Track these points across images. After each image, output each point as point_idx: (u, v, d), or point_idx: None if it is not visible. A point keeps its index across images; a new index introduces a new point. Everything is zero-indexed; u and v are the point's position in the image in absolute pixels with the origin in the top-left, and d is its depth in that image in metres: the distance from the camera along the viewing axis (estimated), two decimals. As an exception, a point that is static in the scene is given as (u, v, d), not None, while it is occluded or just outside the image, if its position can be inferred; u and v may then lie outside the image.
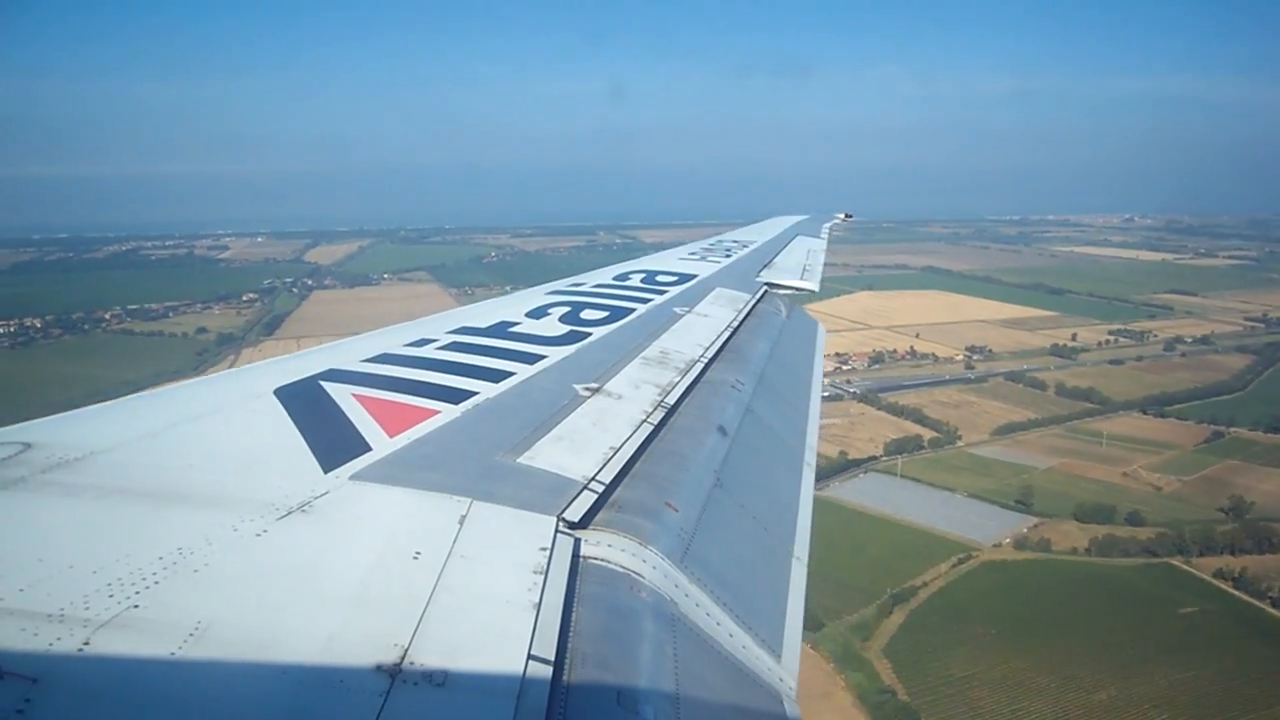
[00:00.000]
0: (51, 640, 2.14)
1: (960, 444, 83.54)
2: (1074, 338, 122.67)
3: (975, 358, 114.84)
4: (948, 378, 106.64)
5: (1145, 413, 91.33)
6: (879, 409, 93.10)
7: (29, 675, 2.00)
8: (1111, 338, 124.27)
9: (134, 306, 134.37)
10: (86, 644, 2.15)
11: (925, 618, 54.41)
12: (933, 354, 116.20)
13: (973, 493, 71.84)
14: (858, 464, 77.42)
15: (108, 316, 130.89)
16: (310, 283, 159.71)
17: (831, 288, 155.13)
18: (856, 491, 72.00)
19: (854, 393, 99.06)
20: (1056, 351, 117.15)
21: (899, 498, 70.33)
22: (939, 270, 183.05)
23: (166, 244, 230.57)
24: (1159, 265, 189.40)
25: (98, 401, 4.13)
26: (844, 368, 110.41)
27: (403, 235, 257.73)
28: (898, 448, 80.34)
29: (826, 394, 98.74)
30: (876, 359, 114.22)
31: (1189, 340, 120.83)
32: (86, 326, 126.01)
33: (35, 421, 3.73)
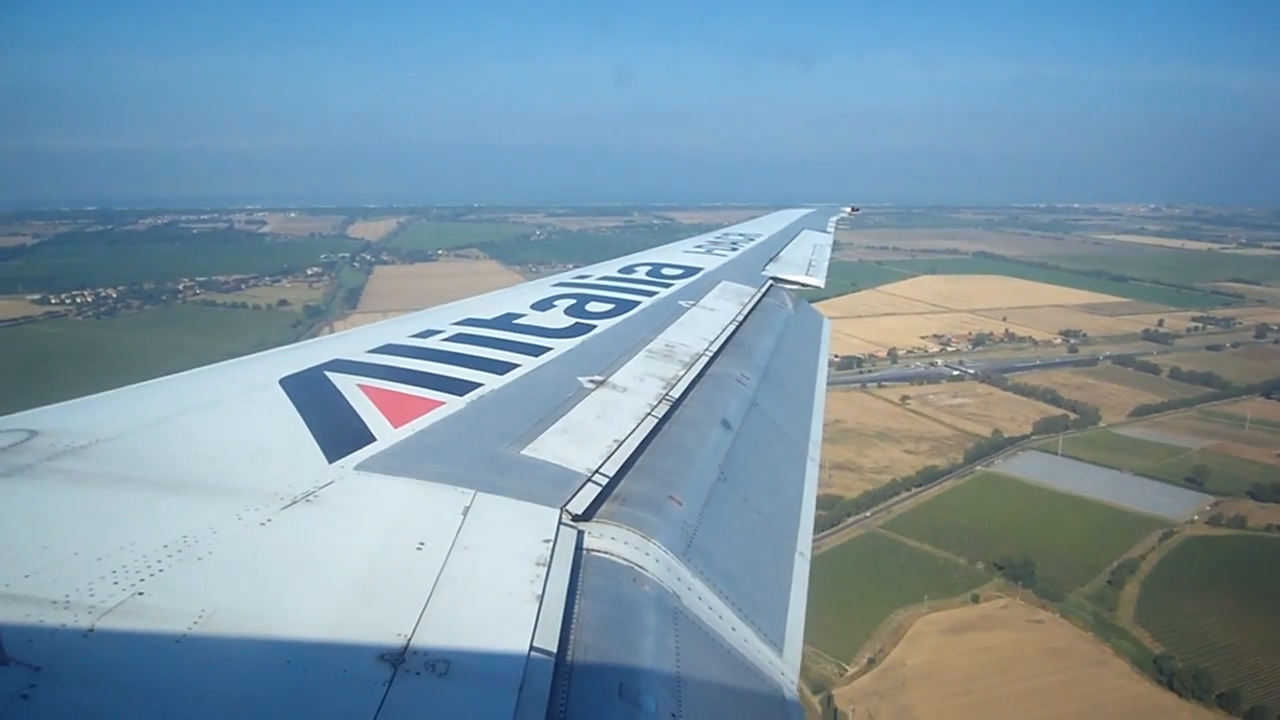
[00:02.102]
0: (56, 626, 2.16)
1: (1102, 424, 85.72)
2: (1160, 324, 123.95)
3: (1073, 341, 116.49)
4: (1056, 360, 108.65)
5: (1269, 397, 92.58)
6: (1005, 389, 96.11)
7: (34, 661, 2.02)
8: (1197, 324, 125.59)
9: (203, 278, 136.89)
10: (91, 630, 2.17)
11: (1159, 589, 55.81)
12: (1030, 337, 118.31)
13: (1138, 471, 73.62)
14: (1012, 442, 79.70)
15: (181, 288, 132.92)
16: (369, 258, 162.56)
17: (893, 271, 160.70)
18: (1024, 469, 74.25)
19: (972, 373, 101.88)
20: (1150, 337, 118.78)
21: (1069, 475, 72.35)
22: (992, 256, 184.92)
23: (202, 217, 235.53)
24: (1205, 254, 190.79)
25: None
26: (948, 349, 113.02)
27: (435, 213, 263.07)
28: (1045, 427, 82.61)
29: (957, 372, 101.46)
30: (977, 341, 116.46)
31: (1276, 327, 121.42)
32: (165, 297, 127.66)
33: (41, 409, 3.76)
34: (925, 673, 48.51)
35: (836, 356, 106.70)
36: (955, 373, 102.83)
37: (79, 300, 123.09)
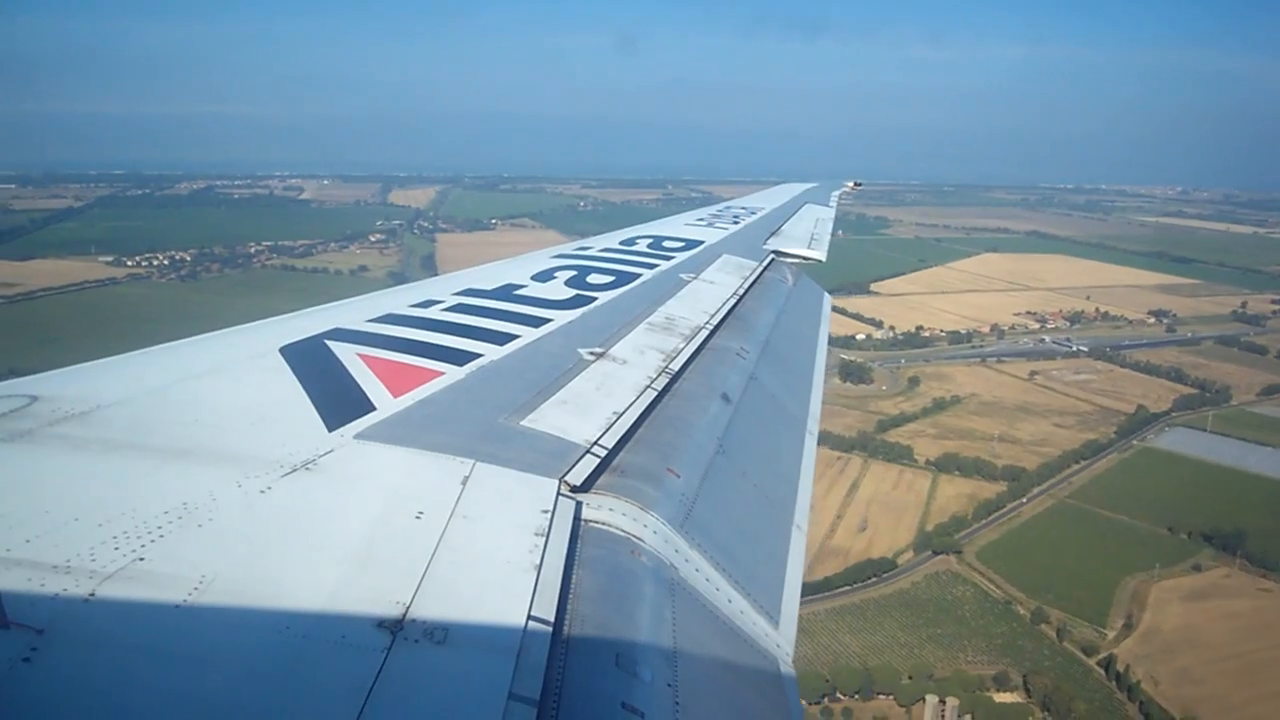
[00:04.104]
0: (58, 591, 2.17)
1: (1235, 403, 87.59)
2: (1244, 306, 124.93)
3: (1166, 321, 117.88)
4: (1158, 340, 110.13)
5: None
6: (1123, 367, 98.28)
7: (35, 625, 2.03)
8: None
9: (269, 243, 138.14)
10: (92, 595, 2.18)
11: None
12: (1123, 316, 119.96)
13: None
14: (1156, 418, 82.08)
15: (253, 252, 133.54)
16: (426, 225, 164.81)
17: (953, 249, 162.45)
18: (1180, 444, 76.75)
19: (1084, 350, 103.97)
20: (1239, 318, 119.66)
21: (1227, 451, 74.54)
22: (1046, 236, 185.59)
23: (236, 183, 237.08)
24: (1253, 238, 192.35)
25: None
26: (1047, 325, 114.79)
27: (468, 182, 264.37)
28: (1183, 404, 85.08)
29: (1069, 349, 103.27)
30: (1073, 319, 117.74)
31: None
32: (240, 261, 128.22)
33: (42, 374, 3.76)
34: (1186, 638, 50.93)
35: (941, 332, 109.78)
36: (1068, 349, 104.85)
37: (155, 262, 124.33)
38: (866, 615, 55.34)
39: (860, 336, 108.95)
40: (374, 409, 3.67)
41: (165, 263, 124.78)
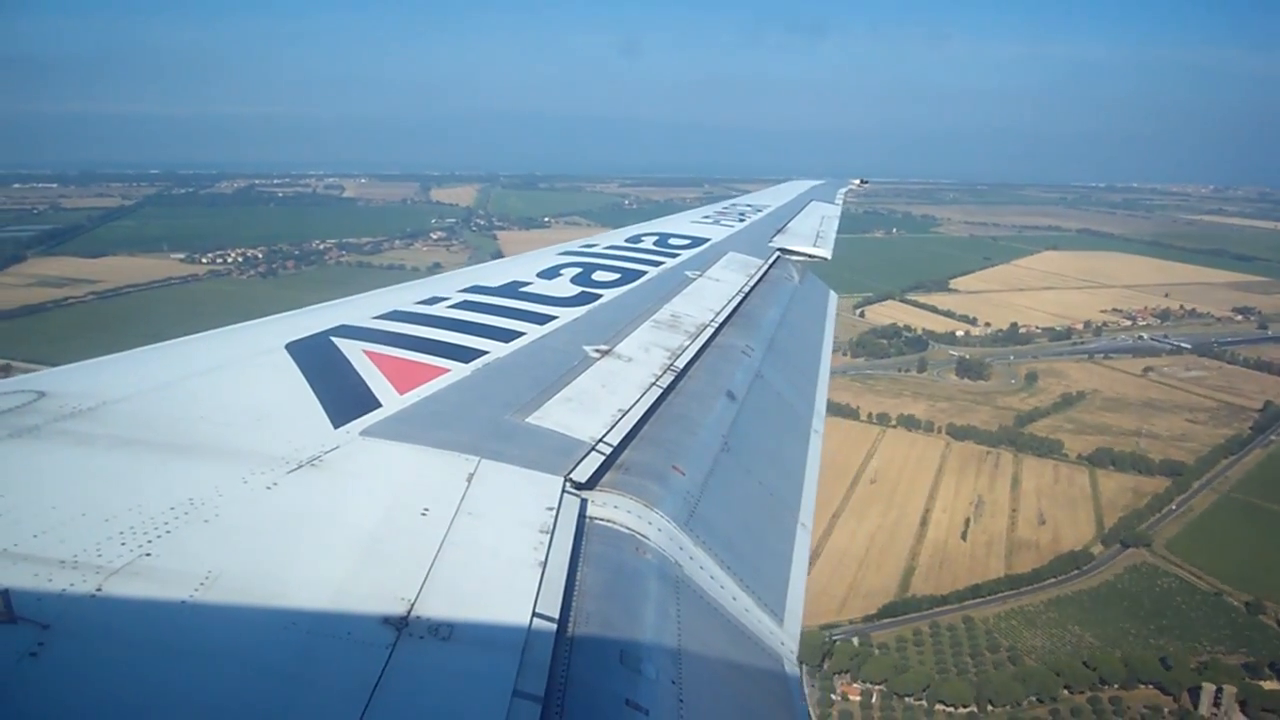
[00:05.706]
0: (64, 586, 2.18)
1: None
2: None
3: (1251, 318, 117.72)
4: (1251, 337, 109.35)
5: None
6: (1231, 363, 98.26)
7: (42, 620, 2.04)
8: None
9: (334, 240, 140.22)
10: (99, 590, 2.19)
11: None
12: (1209, 313, 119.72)
13: None
14: None
15: (321, 248, 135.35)
16: (482, 222, 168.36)
17: (1012, 247, 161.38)
18: None
19: (1187, 347, 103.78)
20: None
21: None
22: (1098, 234, 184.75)
23: (274, 181, 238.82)
24: None
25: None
26: (1138, 323, 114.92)
27: (504, 181, 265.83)
28: None
29: (1171, 346, 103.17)
30: (1161, 316, 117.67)
31: None
32: (312, 259, 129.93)
33: (49, 370, 3.77)
34: None
35: (1037, 328, 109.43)
36: (1170, 346, 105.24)
37: (229, 259, 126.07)
38: (1084, 606, 55.65)
39: (960, 333, 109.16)
40: (380, 406, 3.67)
41: (240, 260, 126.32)
